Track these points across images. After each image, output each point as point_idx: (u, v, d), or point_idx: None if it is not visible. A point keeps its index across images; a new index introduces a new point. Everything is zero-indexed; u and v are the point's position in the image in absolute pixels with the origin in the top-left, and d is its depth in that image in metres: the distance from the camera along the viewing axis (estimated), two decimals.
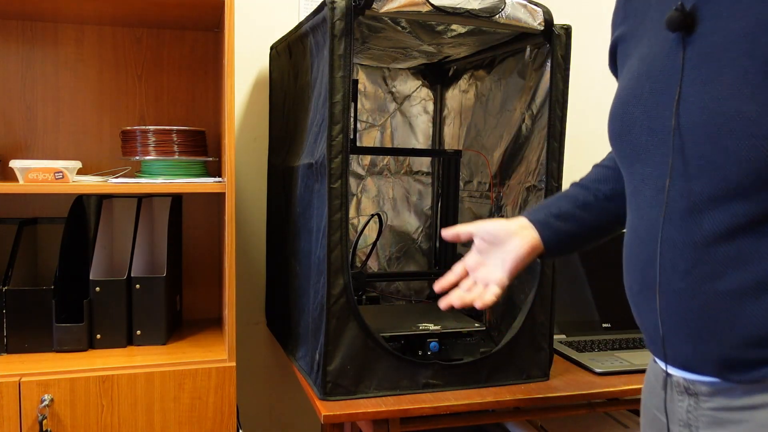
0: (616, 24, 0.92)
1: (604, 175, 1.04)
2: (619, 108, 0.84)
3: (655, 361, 0.88)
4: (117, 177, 1.43)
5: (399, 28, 1.38)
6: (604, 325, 1.73)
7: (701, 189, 0.73)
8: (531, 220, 1.03)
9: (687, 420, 0.80)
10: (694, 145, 0.73)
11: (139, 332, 1.45)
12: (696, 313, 0.75)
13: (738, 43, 0.69)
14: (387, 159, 1.82)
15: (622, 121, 0.83)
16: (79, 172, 1.59)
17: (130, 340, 1.45)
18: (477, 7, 1.23)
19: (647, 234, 0.80)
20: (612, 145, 0.87)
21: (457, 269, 1.06)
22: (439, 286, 1.05)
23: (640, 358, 1.51)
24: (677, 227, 0.76)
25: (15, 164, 1.31)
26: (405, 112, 1.83)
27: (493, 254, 1.03)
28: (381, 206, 1.83)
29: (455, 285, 1.06)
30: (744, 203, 0.70)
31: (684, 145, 0.74)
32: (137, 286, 1.44)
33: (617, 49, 0.91)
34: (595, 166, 1.07)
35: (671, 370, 0.82)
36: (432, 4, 1.21)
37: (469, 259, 1.05)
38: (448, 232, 1.06)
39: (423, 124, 1.85)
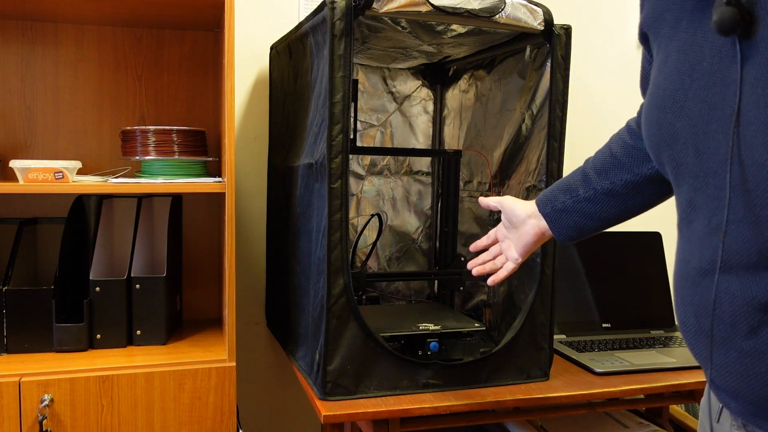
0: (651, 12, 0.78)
1: (606, 165, 0.97)
2: (655, 112, 0.73)
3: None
4: (117, 177, 1.43)
5: (399, 28, 1.38)
6: (604, 325, 1.73)
7: (752, 203, 0.61)
8: (540, 212, 1.05)
9: None
10: (759, 185, 0.60)
11: (139, 332, 1.45)
12: (762, 379, 0.65)
13: None
14: (387, 159, 1.82)
15: (660, 130, 0.72)
16: (79, 172, 1.59)
17: (130, 340, 1.45)
18: (477, 7, 1.23)
19: (700, 275, 0.69)
20: (651, 152, 0.76)
21: (491, 235, 1.14)
22: (473, 246, 1.16)
23: (640, 358, 1.51)
24: (739, 280, 0.64)
25: (15, 164, 1.31)
26: (405, 112, 1.83)
27: (511, 232, 1.11)
28: (381, 206, 1.83)
29: (486, 249, 1.16)
30: None
31: (746, 182, 0.61)
32: (137, 286, 1.44)
33: (648, 29, 0.78)
34: (608, 145, 1.00)
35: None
36: (432, 4, 1.21)
37: (499, 230, 1.13)
38: (485, 201, 1.14)
39: (423, 124, 1.85)
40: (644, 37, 0.82)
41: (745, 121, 0.59)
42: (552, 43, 1.31)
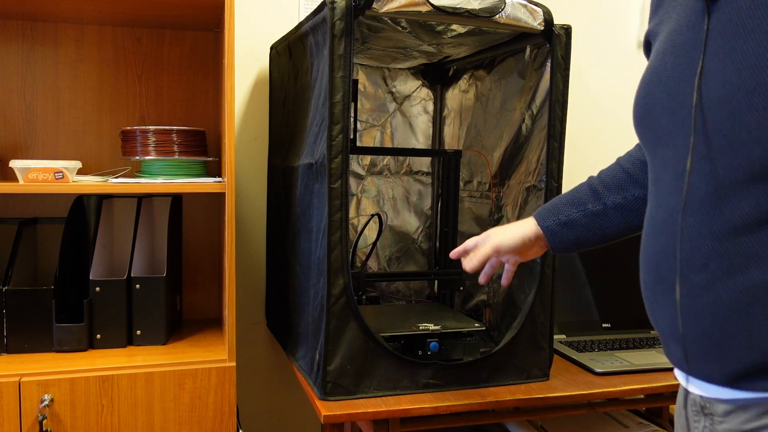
0: (652, 10, 0.86)
1: (618, 180, 1.00)
2: (641, 90, 0.79)
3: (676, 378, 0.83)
4: (117, 177, 1.43)
5: (399, 28, 1.38)
6: (604, 325, 1.73)
7: (724, 172, 0.66)
8: (541, 227, 1.05)
9: None
10: (716, 123, 0.66)
11: (139, 332, 1.45)
12: (710, 312, 0.69)
13: (762, 6, 0.63)
14: (387, 159, 1.82)
15: (645, 103, 0.78)
16: (79, 172, 1.59)
17: (130, 340, 1.45)
18: (477, 7, 1.23)
19: (664, 224, 0.75)
20: (636, 131, 0.82)
21: (469, 244, 1.12)
22: (452, 254, 1.14)
23: (640, 358, 1.51)
24: (696, 214, 0.69)
25: (15, 164, 1.31)
26: (405, 112, 1.83)
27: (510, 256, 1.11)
28: (381, 206, 1.83)
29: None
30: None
31: (706, 123, 0.67)
32: (137, 286, 1.44)
33: (651, 36, 0.85)
34: (617, 163, 1.03)
35: (691, 387, 0.77)
36: (432, 4, 1.21)
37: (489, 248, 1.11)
38: (467, 263, 1.11)
39: (423, 124, 1.85)
40: (647, 46, 0.87)
41: (708, 68, 0.67)
42: (552, 43, 1.31)
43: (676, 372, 0.81)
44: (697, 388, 0.76)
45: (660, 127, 0.75)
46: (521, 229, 1.07)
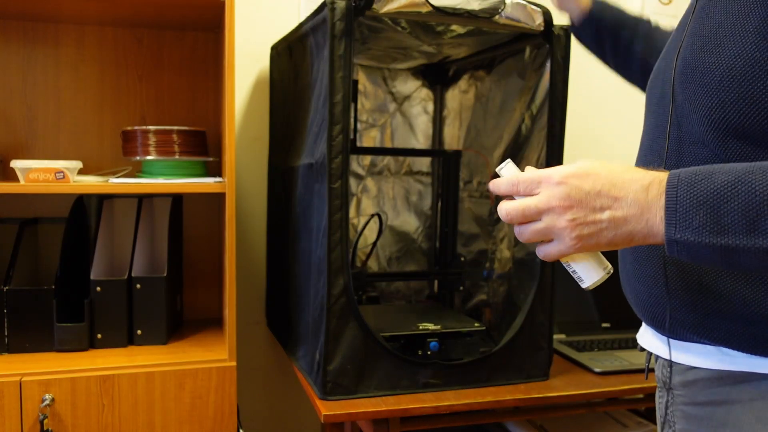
0: None
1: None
2: (654, 69, 0.87)
3: (642, 349, 0.88)
4: (117, 177, 1.44)
5: (399, 29, 1.38)
6: (603, 324, 1.73)
7: (683, 138, 0.74)
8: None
9: (665, 416, 0.81)
10: (678, 95, 0.75)
11: (139, 332, 1.45)
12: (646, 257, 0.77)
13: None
14: (387, 159, 1.83)
15: (653, 76, 0.85)
16: (80, 172, 1.60)
17: (130, 340, 1.46)
18: (477, 8, 1.24)
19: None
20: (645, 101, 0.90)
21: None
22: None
23: (640, 357, 1.51)
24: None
25: (16, 164, 1.31)
26: (405, 112, 1.83)
27: None
28: (381, 206, 1.83)
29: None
30: (709, 157, 0.71)
31: (674, 95, 0.76)
32: (138, 285, 1.44)
33: None
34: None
35: (661, 352, 0.82)
36: (432, 5, 1.21)
37: None
38: None
39: (423, 124, 1.85)
40: None
41: (681, 50, 0.75)
42: (552, 43, 1.31)
43: (649, 344, 0.85)
44: (675, 351, 0.80)
45: (653, 100, 0.83)
46: None
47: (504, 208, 0.70)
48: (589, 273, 0.73)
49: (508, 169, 0.75)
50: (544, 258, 0.72)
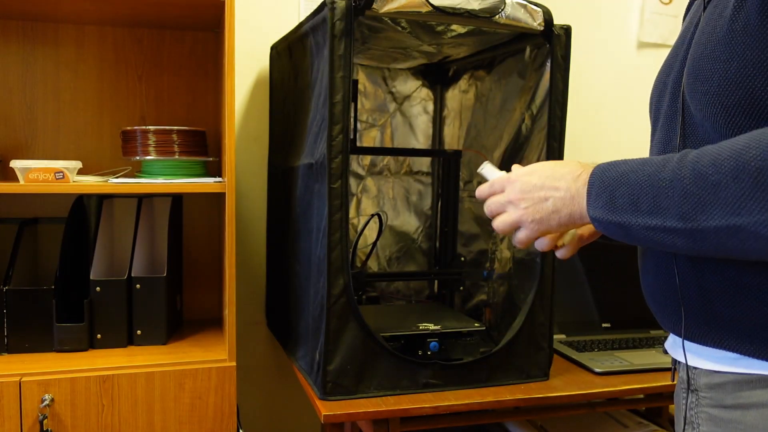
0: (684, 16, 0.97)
1: None
2: (657, 78, 0.87)
3: (665, 352, 0.90)
4: (117, 177, 1.43)
5: (399, 29, 1.38)
6: (603, 325, 1.73)
7: (692, 146, 0.75)
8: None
9: (689, 418, 0.80)
10: (687, 107, 0.76)
11: (139, 332, 1.45)
12: (705, 271, 0.76)
13: (724, 4, 0.71)
14: (387, 159, 1.83)
15: (656, 89, 0.86)
16: (80, 172, 1.60)
17: (130, 340, 1.45)
18: (477, 8, 1.23)
19: None
20: (649, 114, 0.90)
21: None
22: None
23: (640, 358, 1.51)
24: None
25: (15, 164, 1.31)
26: (405, 112, 1.83)
27: None
28: (381, 206, 1.83)
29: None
30: None
31: (684, 108, 0.77)
32: (137, 286, 1.44)
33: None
34: None
35: (680, 357, 0.82)
36: (432, 5, 1.21)
37: None
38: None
39: (423, 124, 1.85)
40: None
41: (690, 56, 0.75)
42: (552, 43, 1.31)
43: (672, 349, 0.86)
44: (689, 355, 0.80)
45: (661, 112, 0.83)
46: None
47: (485, 205, 0.87)
48: None
49: (487, 170, 0.94)
50: (518, 245, 0.85)
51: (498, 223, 0.86)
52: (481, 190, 0.89)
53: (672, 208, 0.67)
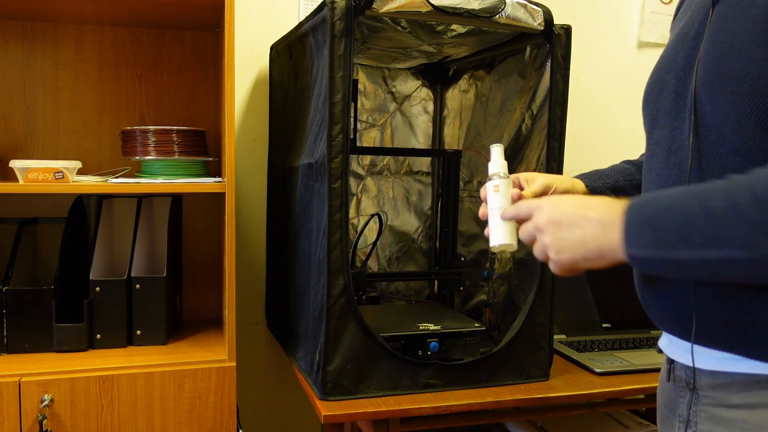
0: (675, 14, 0.93)
1: None
2: (653, 75, 0.85)
3: (660, 351, 0.87)
4: (117, 177, 1.43)
5: (399, 28, 1.38)
6: (604, 325, 1.73)
7: (707, 149, 0.73)
8: (589, 188, 1.02)
9: (687, 416, 0.79)
10: (702, 106, 0.73)
11: (139, 332, 1.45)
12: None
13: (742, 2, 0.70)
14: (387, 159, 1.82)
15: (653, 86, 0.84)
16: (79, 172, 1.59)
17: (130, 340, 1.45)
18: (477, 7, 1.23)
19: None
20: (643, 108, 0.87)
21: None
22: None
23: (640, 358, 1.51)
24: (685, 185, 0.75)
25: (15, 164, 1.31)
26: (405, 112, 1.83)
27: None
28: (381, 206, 1.83)
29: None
30: (741, 164, 0.70)
31: (696, 106, 0.74)
32: (137, 286, 1.44)
33: (671, 33, 0.91)
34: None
35: (683, 359, 0.80)
36: (432, 4, 1.21)
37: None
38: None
39: (423, 124, 1.85)
40: None
41: (700, 59, 0.74)
42: (552, 43, 1.31)
43: (669, 349, 0.84)
44: (698, 358, 0.78)
45: (663, 108, 0.81)
46: (571, 181, 1.01)
47: (520, 234, 0.86)
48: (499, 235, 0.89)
49: (495, 152, 0.93)
50: (557, 272, 0.82)
51: (536, 253, 0.83)
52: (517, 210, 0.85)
53: (733, 239, 0.63)
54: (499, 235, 0.89)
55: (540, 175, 0.97)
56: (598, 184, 1.02)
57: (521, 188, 0.95)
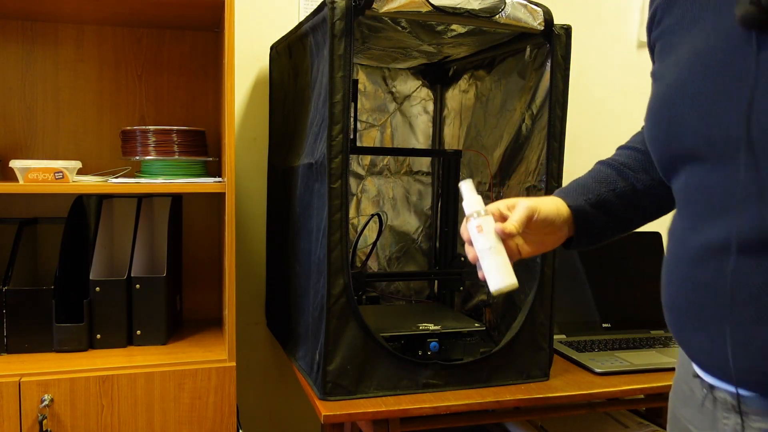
0: (662, 9, 0.81)
1: (641, 162, 0.94)
2: (664, 108, 0.75)
3: (696, 376, 0.79)
4: (117, 177, 1.43)
5: (399, 28, 1.38)
6: (604, 325, 1.73)
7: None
8: (570, 206, 0.94)
9: None
10: (759, 152, 0.64)
11: (139, 332, 1.45)
12: (763, 345, 0.67)
13: None
14: (387, 159, 1.83)
15: (670, 124, 0.74)
16: (79, 172, 1.59)
17: (130, 340, 1.45)
18: (477, 7, 1.23)
19: (705, 251, 0.71)
20: (653, 149, 0.78)
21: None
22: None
23: (640, 358, 1.51)
24: (748, 250, 0.67)
25: (15, 164, 1.31)
26: (405, 112, 1.83)
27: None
28: (381, 206, 1.83)
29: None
30: None
31: (758, 163, 0.65)
32: (137, 286, 1.44)
33: (663, 37, 0.80)
34: (625, 149, 0.97)
35: (715, 382, 0.75)
36: (432, 4, 1.21)
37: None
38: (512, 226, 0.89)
39: (423, 124, 1.85)
40: (653, 49, 0.85)
41: (758, 104, 0.64)
42: (552, 43, 1.31)
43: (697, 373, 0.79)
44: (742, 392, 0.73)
45: (692, 154, 0.72)
46: (554, 201, 0.93)
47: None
48: (497, 278, 0.85)
49: (465, 188, 0.90)
50: None
51: None
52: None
53: None
54: (499, 278, 0.84)
55: (521, 200, 0.91)
56: (579, 201, 0.94)
57: (504, 218, 0.89)
